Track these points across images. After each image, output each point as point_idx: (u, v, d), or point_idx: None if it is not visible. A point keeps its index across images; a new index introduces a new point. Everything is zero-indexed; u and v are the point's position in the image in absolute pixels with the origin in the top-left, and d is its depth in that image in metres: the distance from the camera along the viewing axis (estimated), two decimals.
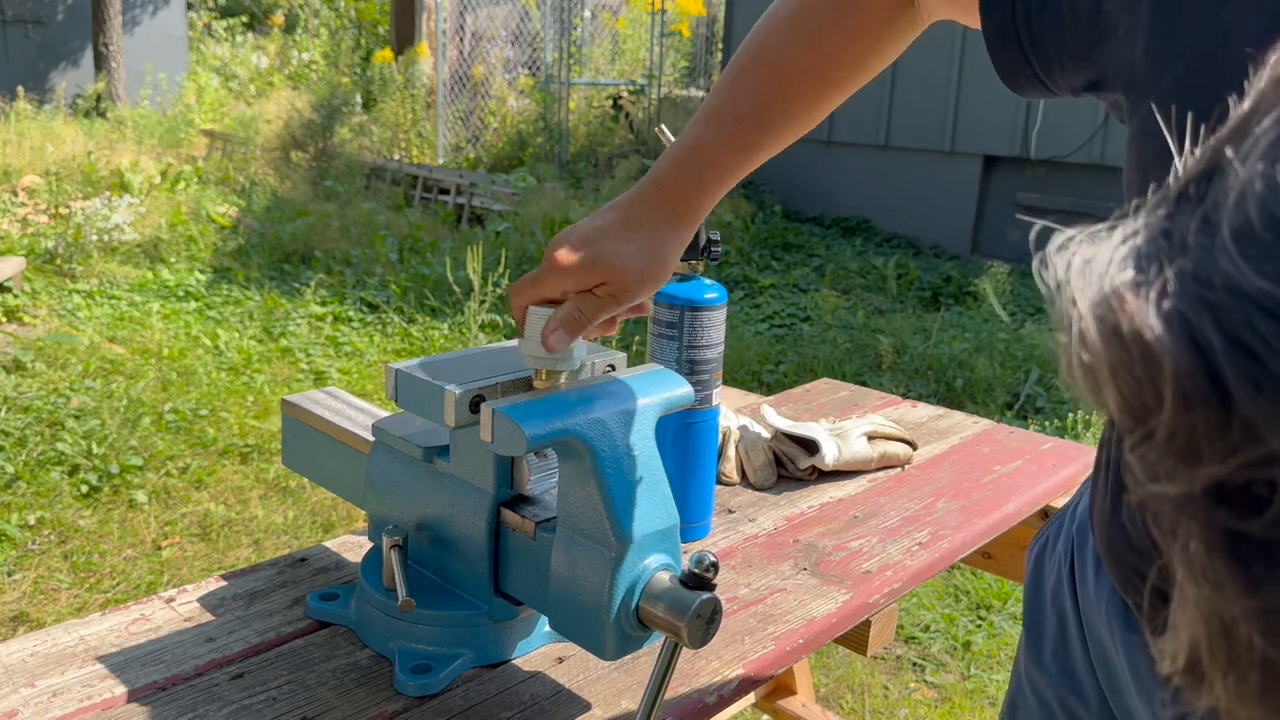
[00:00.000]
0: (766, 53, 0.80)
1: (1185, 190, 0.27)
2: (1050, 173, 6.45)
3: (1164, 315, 0.25)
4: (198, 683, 0.84)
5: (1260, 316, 0.23)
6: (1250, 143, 0.26)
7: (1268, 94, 0.27)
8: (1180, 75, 0.57)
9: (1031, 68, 0.69)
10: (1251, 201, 0.24)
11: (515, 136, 8.71)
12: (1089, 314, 0.26)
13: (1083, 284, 0.27)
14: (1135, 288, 0.25)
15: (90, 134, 8.08)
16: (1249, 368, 0.23)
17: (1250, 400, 0.23)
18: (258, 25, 15.67)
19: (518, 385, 0.85)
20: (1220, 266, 0.24)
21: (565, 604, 0.79)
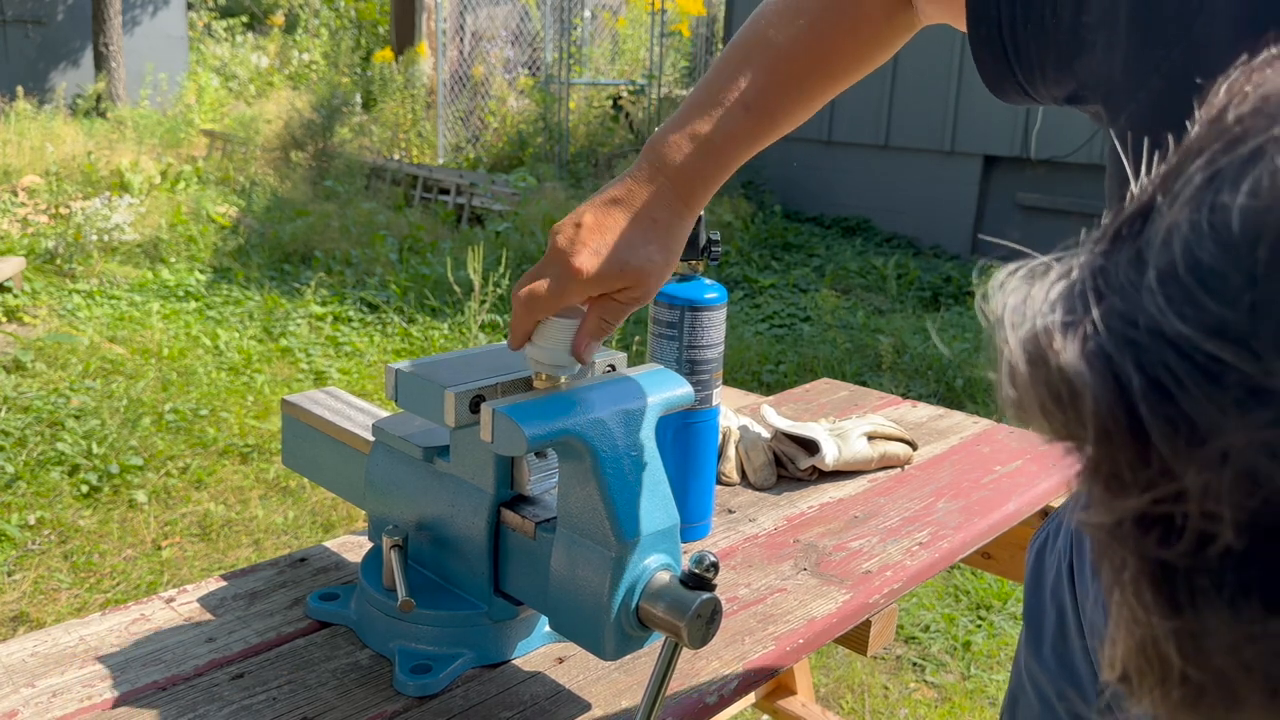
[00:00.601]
0: (770, 41, 0.81)
1: (1121, 228, 0.28)
2: (1050, 173, 6.45)
3: (1088, 354, 0.26)
4: (198, 683, 0.84)
5: (1176, 359, 0.24)
6: (1180, 184, 0.27)
7: (1203, 133, 0.28)
8: (1155, 89, 0.58)
9: (1015, 77, 0.70)
10: (1176, 244, 0.25)
11: (515, 136, 8.71)
12: (1018, 350, 0.27)
13: (1016, 321, 0.28)
14: (1064, 327, 0.26)
15: (90, 134, 8.08)
16: (1164, 407, 0.24)
17: (1164, 438, 0.25)
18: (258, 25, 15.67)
19: (518, 385, 0.85)
20: (1144, 307, 0.25)
21: (565, 604, 0.79)
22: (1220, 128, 0.27)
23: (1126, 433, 0.25)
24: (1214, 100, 0.29)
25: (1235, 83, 0.29)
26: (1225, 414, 0.23)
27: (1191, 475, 0.24)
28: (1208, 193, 0.25)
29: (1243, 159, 0.25)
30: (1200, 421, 0.24)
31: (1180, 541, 0.25)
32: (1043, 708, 0.84)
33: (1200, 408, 0.24)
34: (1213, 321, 0.24)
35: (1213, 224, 0.25)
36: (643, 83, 8.68)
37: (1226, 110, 0.28)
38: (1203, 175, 0.26)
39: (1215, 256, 0.24)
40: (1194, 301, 0.24)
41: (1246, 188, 0.24)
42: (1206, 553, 0.25)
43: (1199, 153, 0.27)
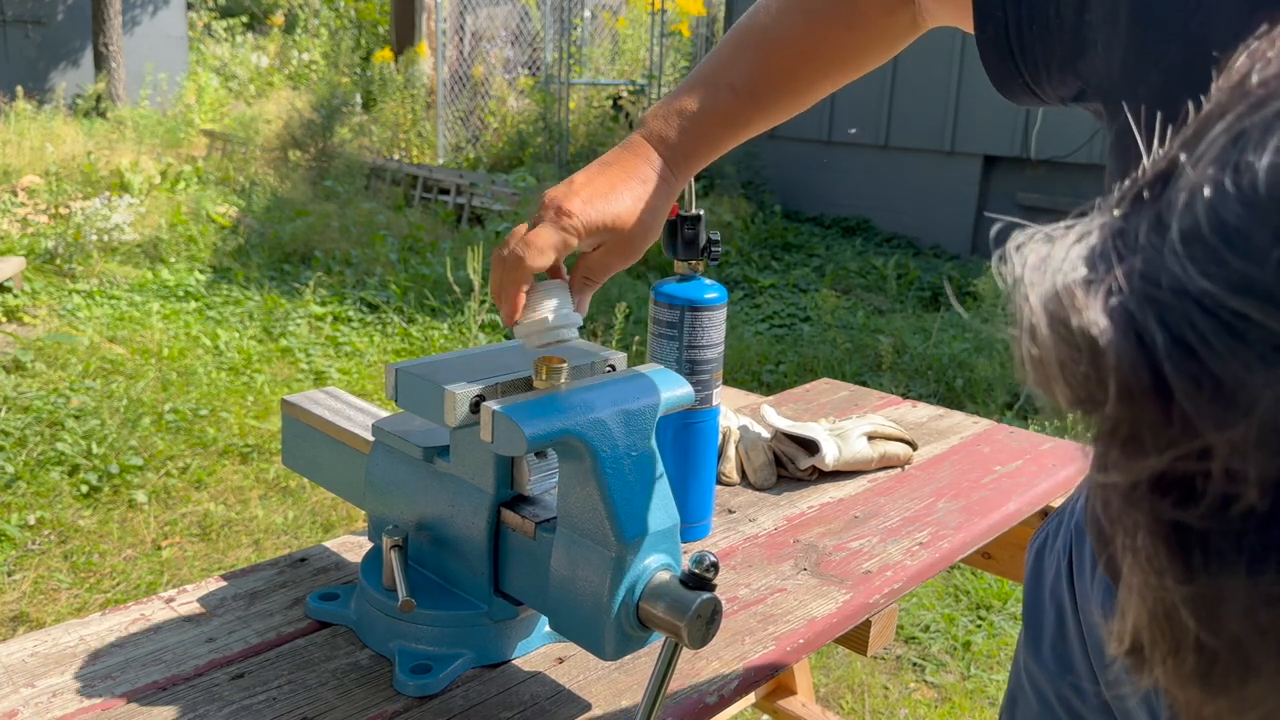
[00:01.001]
0: (765, 28, 0.82)
1: (1142, 191, 0.28)
2: (1050, 173, 6.45)
3: (1110, 311, 0.26)
4: (198, 683, 0.84)
5: (1201, 316, 0.24)
6: (1204, 146, 0.26)
7: (1224, 97, 0.28)
8: (1154, 85, 0.59)
9: (1022, 77, 0.71)
10: (1200, 205, 0.25)
11: (515, 136, 8.70)
12: (1039, 309, 0.27)
13: (1036, 280, 0.28)
14: (1086, 285, 0.26)
15: (90, 134, 8.08)
16: (1189, 364, 0.24)
17: (1189, 395, 0.24)
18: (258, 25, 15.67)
19: (518, 385, 0.85)
20: (1167, 266, 0.25)
21: (565, 604, 0.79)
22: (1243, 91, 0.27)
23: (1150, 391, 0.25)
24: (1235, 66, 0.28)
25: (1258, 48, 0.29)
26: (1251, 370, 0.23)
27: (1216, 432, 0.24)
28: (1232, 153, 0.25)
29: (1268, 119, 0.25)
30: (1226, 378, 0.24)
31: (1200, 503, 0.25)
32: (1042, 708, 0.84)
33: (1225, 364, 0.24)
34: (1238, 279, 0.24)
35: (1238, 184, 0.25)
36: (643, 83, 8.68)
37: (1250, 75, 0.27)
38: (1226, 136, 0.26)
39: (1240, 216, 0.24)
40: (1219, 260, 0.24)
41: (1273, 145, 0.24)
42: (1228, 513, 0.24)
43: (1221, 115, 0.27)
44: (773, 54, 0.81)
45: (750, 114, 0.83)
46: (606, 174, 0.82)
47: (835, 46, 0.82)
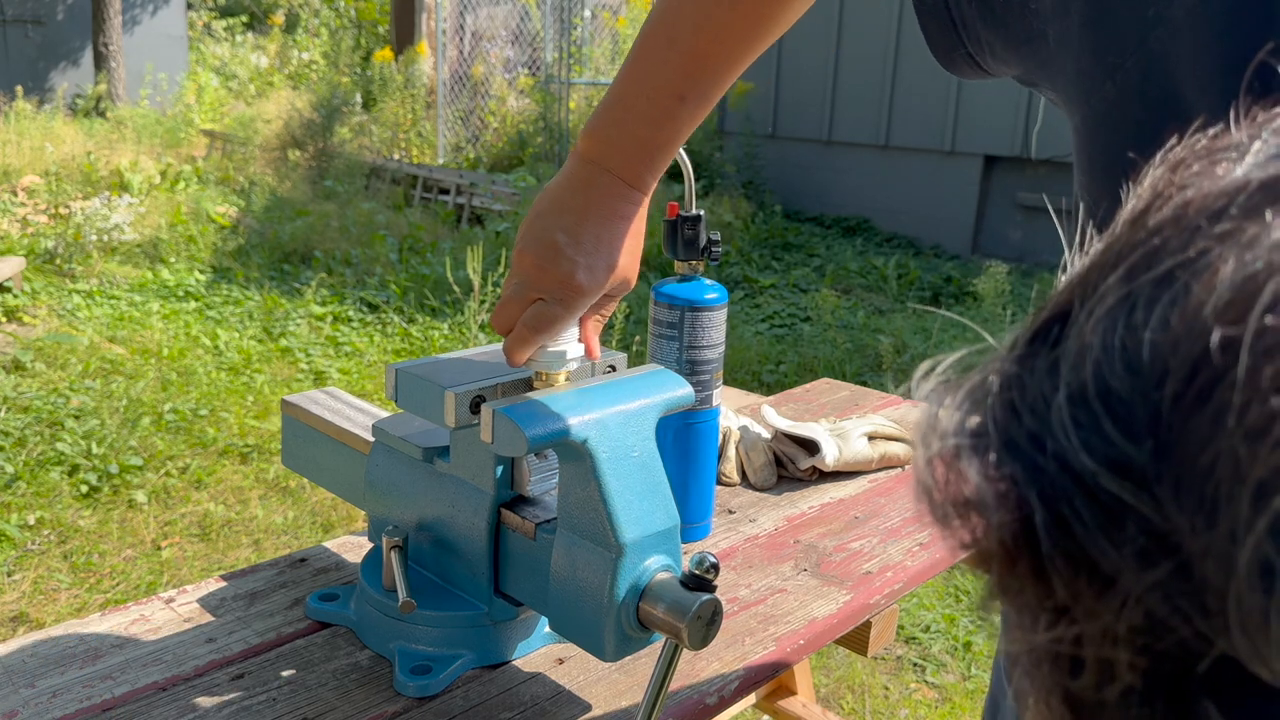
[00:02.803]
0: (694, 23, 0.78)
1: (1039, 333, 0.27)
2: (1050, 173, 6.45)
3: (994, 479, 0.25)
4: (198, 683, 0.84)
5: (1080, 496, 0.23)
6: (1096, 299, 0.25)
7: (1122, 234, 0.26)
8: (1109, 98, 0.57)
9: (964, 48, 0.68)
10: (1089, 365, 0.24)
11: (515, 136, 8.70)
12: (925, 471, 0.27)
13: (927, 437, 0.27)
14: (971, 449, 0.26)
15: (90, 134, 8.08)
16: (1066, 544, 0.23)
17: (1065, 578, 0.24)
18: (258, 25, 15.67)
19: (518, 386, 0.85)
20: (1053, 431, 0.24)
21: (565, 605, 0.79)
22: (1140, 234, 0.26)
23: (1028, 565, 0.24)
24: (1139, 196, 0.27)
25: (1161, 178, 0.27)
26: (1125, 560, 0.22)
27: (1090, 618, 0.24)
28: (1121, 311, 0.24)
29: (1155, 280, 0.24)
30: (1101, 564, 0.23)
31: (1083, 676, 0.24)
32: None
33: (1102, 550, 0.23)
34: (1118, 457, 0.23)
35: (1125, 347, 0.24)
36: None
37: (1148, 214, 0.26)
38: (1118, 292, 0.25)
39: (1125, 384, 0.23)
40: (1101, 432, 0.23)
41: (1157, 317, 0.23)
42: (1108, 689, 0.24)
43: (1117, 261, 0.26)
44: (709, 50, 0.78)
45: (700, 111, 0.80)
46: (587, 226, 0.79)
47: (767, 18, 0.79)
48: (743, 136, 7.58)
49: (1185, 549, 0.22)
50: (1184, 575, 0.22)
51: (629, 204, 0.81)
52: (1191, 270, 0.23)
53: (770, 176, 7.54)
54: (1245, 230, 0.23)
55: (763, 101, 7.60)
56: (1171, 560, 0.22)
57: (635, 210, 0.81)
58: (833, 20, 7.14)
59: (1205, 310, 0.22)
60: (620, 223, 0.80)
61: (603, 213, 0.79)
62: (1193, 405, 0.22)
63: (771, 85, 7.56)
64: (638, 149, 0.80)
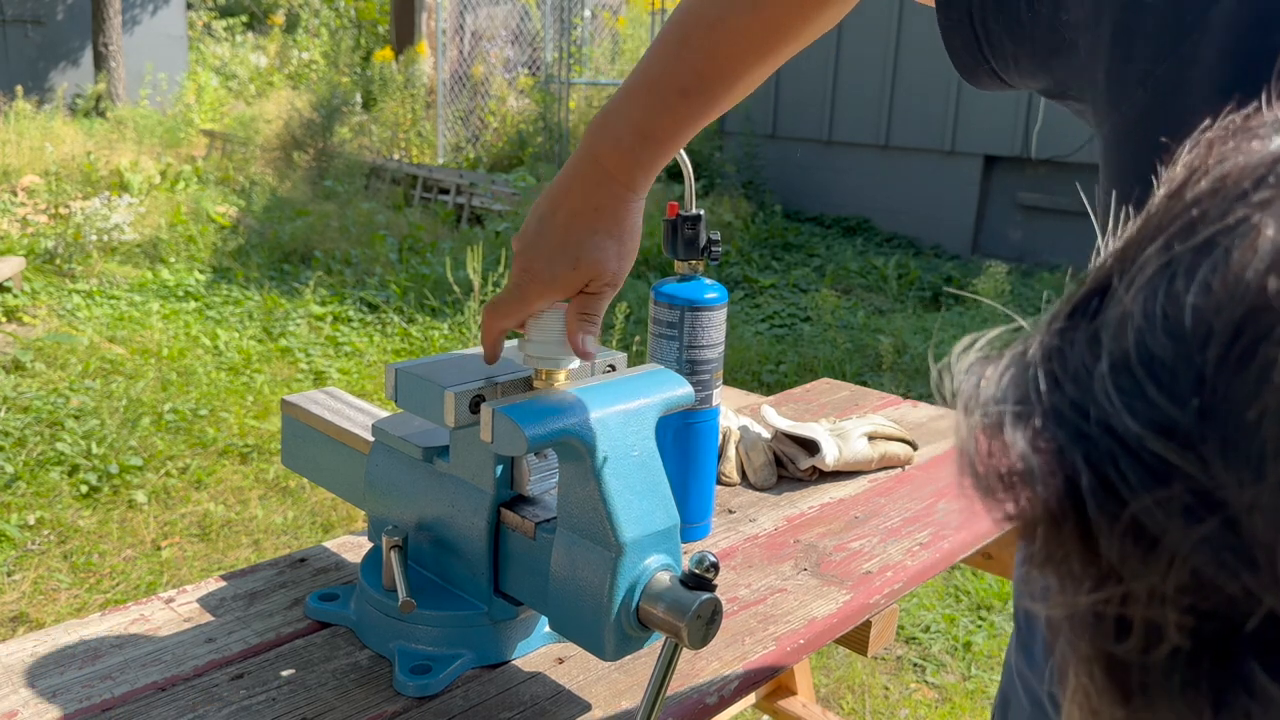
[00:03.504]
0: (709, 22, 0.78)
1: (1079, 305, 0.27)
2: (1051, 173, 6.45)
3: (1038, 446, 0.25)
4: (197, 683, 0.84)
5: (1125, 457, 0.23)
6: (1136, 268, 0.26)
7: (1160, 209, 0.27)
8: (1141, 103, 0.57)
9: (989, 64, 0.68)
10: (1131, 333, 0.25)
11: (515, 136, 8.70)
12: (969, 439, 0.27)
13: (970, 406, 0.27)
14: (1015, 417, 0.26)
15: (90, 134, 8.08)
16: (1112, 506, 0.24)
17: (1111, 539, 0.24)
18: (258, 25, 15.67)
19: (518, 385, 0.85)
20: (1096, 398, 0.24)
21: (565, 604, 0.79)
22: (1178, 206, 0.26)
23: (1075, 529, 0.25)
24: (1174, 171, 0.28)
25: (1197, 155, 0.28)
26: (1172, 519, 0.23)
27: (1137, 578, 0.24)
28: (1161, 280, 0.25)
29: (1195, 248, 0.24)
30: (1148, 524, 0.23)
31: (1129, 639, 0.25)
32: (1034, 710, 0.84)
33: (1147, 510, 0.23)
34: (1162, 420, 0.23)
35: (1166, 314, 0.24)
36: None
37: (1185, 187, 0.27)
38: (1157, 261, 0.25)
39: (1167, 350, 0.24)
40: (1145, 396, 0.23)
41: (1198, 282, 0.24)
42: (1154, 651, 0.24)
43: (1155, 233, 0.26)
44: (720, 50, 0.77)
45: (702, 112, 0.79)
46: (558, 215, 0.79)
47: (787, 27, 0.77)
48: (743, 136, 7.58)
49: (1232, 505, 0.22)
50: (1231, 531, 0.22)
51: (609, 197, 0.79)
52: (1232, 236, 0.24)
53: (770, 176, 7.54)
54: None
55: (763, 101, 7.60)
56: (1218, 517, 0.22)
57: (615, 204, 0.80)
58: None
59: (1248, 273, 0.23)
60: (593, 215, 0.79)
61: (577, 203, 0.79)
62: (1237, 365, 0.22)
63: (771, 85, 7.56)
64: (630, 137, 0.79)
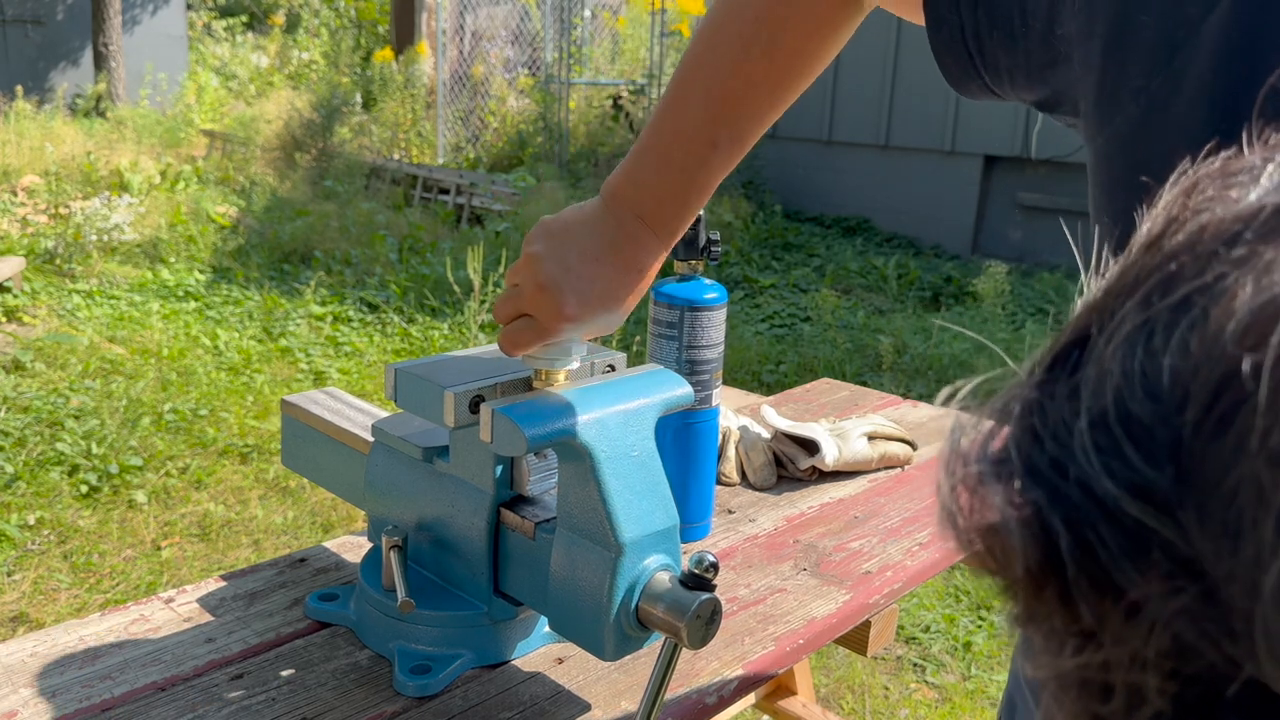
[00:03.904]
0: (728, 70, 0.79)
1: (1061, 356, 0.27)
2: (1050, 173, 6.45)
3: (1017, 506, 0.25)
4: (197, 683, 0.84)
5: (1103, 520, 0.23)
6: (1114, 324, 0.25)
7: (1137, 260, 0.26)
8: (1133, 117, 0.57)
9: (982, 79, 0.68)
10: (1109, 391, 0.24)
11: (515, 136, 8.70)
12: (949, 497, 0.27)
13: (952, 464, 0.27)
14: (994, 476, 0.26)
15: (90, 134, 8.08)
16: (1091, 569, 0.23)
17: (1091, 603, 0.24)
18: (258, 25, 15.67)
19: (517, 385, 0.85)
20: (1075, 457, 0.24)
21: (565, 604, 0.79)
22: (1155, 260, 0.26)
23: (1056, 590, 0.24)
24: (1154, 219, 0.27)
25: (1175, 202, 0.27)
26: (1151, 584, 0.22)
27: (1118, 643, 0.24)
28: (1140, 337, 0.24)
29: (1172, 306, 0.24)
30: (1127, 588, 0.23)
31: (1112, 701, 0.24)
32: None
33: (1126, 575, 0.23)
34: (1140, 483, 0.23)
35: (1145, 373, 0.24)
36: (643, 83, 8.68)
37: (1163, 238, 0.26)
38: (1136, 318, 0.25)
39: (1145, 409, 0.23)
40: (1123, 457, 0.23)
41: (1175, 342, 0.23)
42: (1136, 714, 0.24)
43: (1134, 286, 0.26)
44: (745, 97, 0.78)
45: (732, 159, 0.81)
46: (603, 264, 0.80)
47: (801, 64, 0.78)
48: None
49: (1210, 574, 0.22)
50: (1210, 600, 0.22)
51: (651, 256, 0.81)
52: (1209, 295, 0.23)
53: (770, 176, 7.54)
54: (1262, 255, 0.23)
55: None
56: (1197, 585, 0.22)
57: (653, 263, 0.82)
58: None
59: (1224, 335, 0.22)
60: (635, 275, 0.81)
61: (621, 262, 0.80)
62: (1214, 431, 0.22)
63: None
64: (671, 197, 0.81)
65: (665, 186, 0.81)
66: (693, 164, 0.80)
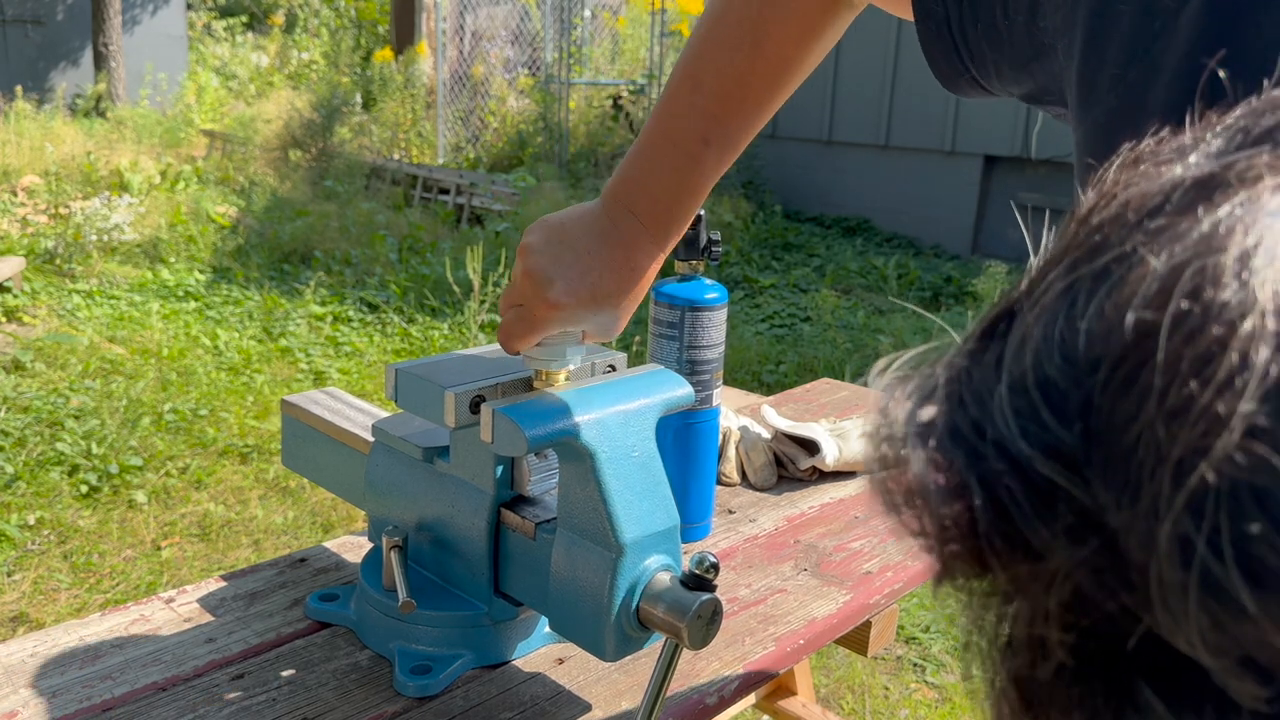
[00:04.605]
0: (717, 68, 0.79)
1: (990, 326, 0.28)
2: (1050, 173, 6.45)
3: (935, 465, 0.26)
4: (198, 683, 0.84)
5: (1014, 479, 0.24)
6: (1040, 292, 0.26)
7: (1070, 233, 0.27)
8: (1111, 106, 0.57)
9: (970, 73, 0.69)
10: (1029, 355, 0.25)
11: (515, 136, 8.70)
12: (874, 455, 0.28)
13: (879, 424, 0.28)
14: (916, 436, 0.27)
15: (90, 134, 8.08)
16: (1002, 526, 0.24)
17: (1000, 558, 0.25)
18: (258, 25, 15.67)
19: (518, 386, 0.85)
20: (994, 420, 0.25)
21: (565, 605, 0.79)
22: (1084, 231, 0.27)
23: (969, 548, 0.25)
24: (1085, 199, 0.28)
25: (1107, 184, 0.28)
26: (1056, 537, 0.23)
27: (1021, 597, 0.25)
28: (1063, 304, 0.25)
29: (1095, 273, 0.25)
30: (1035, 543, 0.24)
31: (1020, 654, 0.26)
32: None
33: (1034, 530, 0.24)
34: (1051, 442, 0.24)
35: (1063, 338, 0.25)
36: (643, 82, 8.68)
37: (1093, 212, 0.27)
38: (1060, 284, 0.26)
39: (1061, 372, 0.24)
40: (1037, 419, 0.24)
41: (1093, 309, 0.24)
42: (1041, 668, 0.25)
43: (1062, 256, 0.27)
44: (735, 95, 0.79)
45: (723, 159, 0.82)
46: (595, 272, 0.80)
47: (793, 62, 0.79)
48: None
49: (1111, 527, 0.23)
50: (1110, 552, 0.23)
51: (646, 256, 0.82)
52: (1126, 264, 0.25)
53: (770, 176, 7.54)
54: (1176, 226, 0.24)
55: None
56: (1098, 538, 0.23)
57: (648, 263, 0.82)
58: None
59: (1134, 300, 0.23)
60: (628, 273, 0.81)
61: (613, 258, 0.81)
62: (1119, 389, 0.23)
63: None
64: (665, 195, 0.81)
65: (659, 184, 0.81)
66: (685, 162, 0.80)
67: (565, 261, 0.79)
